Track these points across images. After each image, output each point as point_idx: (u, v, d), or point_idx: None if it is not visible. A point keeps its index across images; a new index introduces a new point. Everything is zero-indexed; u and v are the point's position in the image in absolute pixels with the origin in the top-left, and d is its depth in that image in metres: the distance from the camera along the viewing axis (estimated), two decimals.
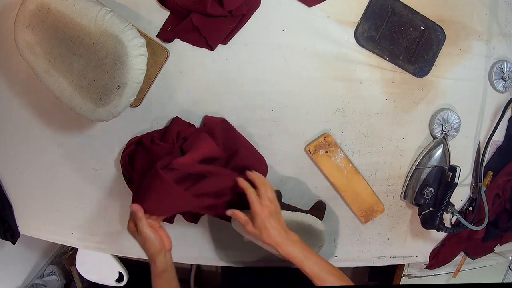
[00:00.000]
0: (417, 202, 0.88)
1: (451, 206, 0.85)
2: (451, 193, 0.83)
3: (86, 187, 0.88)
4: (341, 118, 0.86)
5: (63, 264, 1.35)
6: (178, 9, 0.76)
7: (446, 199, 0.83)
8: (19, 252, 1.17)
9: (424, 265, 1.02)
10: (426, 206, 0.86)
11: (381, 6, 0.82)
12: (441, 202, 0.84)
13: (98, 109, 0.69)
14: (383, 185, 0.91)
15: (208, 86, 0.82)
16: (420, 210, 0.87)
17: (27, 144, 0.87)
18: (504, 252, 1.19)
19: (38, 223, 0.93)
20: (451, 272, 1.15)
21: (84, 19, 0.65)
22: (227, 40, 0.79)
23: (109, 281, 1.15)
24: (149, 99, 0.82)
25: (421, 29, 0.84)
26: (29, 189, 0.91)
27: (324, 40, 0.82)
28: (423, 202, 0.87)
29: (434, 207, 0.85)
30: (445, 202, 0.83)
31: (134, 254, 0.93)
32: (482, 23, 0.87)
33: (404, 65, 0.85)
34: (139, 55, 0.67)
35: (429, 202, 0.87)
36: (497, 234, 0.96)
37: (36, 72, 0.69)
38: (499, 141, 0.94)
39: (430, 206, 0.86)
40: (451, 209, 0.85)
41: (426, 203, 0.87)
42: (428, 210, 0.85)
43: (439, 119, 0.88)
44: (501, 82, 0.89)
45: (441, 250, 0.98)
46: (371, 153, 0.89)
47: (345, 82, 0.84)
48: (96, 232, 0.92)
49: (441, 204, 0.83)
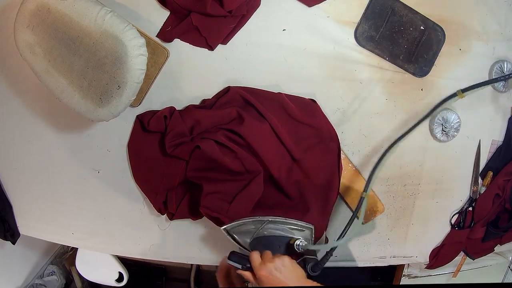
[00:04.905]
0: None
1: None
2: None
3: (86, 187, 0.88)
4: (341, 118, 0.86)
5: (63, 264, 1.35)
6: (178, 9, 0.76)
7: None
8: (19, 252, 1.17)
9: (424, 265, 1.02)
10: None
11: (381, 6, 0.82)
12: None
13: (98, 109, 0.69)
14: (383, 185, 0.91)
15: (208, 86, 0.82)
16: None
17: (27, 144, 0.87)
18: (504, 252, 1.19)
19: (38, 223, 0.93)
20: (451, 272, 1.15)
21: (84, 19, 0.65)
22: (227, 40, 0.79)
23: (109, 281, 1.15)
24: (149, 99, 0.82)
25: (421, 29, 0.84)
26: (29, 189, 0.90)
27: (324, 40, 0.82)
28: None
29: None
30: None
31: (134, 254, 0.93)
32: (482, 23, 0.87)
33: (404, 65, 0.85)
34: (139, 55, 0.67)
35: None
36: (497, 234, 0.96)
37: (36, 72, 0.69)
38: (499, 141, 0.93)
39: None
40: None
41: None
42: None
43: (439, 119, 0.88)
44: (501, 82, 0.89)
45: (441, 250, 0.98)
46: (371, 153, 0.89)
47: (345, 82, 0.84)
48: (96, 232, 0.92)
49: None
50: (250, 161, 0.78)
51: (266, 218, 0.75)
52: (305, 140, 0.82)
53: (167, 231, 0.90)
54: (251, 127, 0.77)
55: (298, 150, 0.80)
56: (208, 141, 0.76)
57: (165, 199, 0.83)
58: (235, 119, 0.80)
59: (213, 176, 0.78)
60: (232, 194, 0.78)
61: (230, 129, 0.78)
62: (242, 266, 0.68)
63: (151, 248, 0.92)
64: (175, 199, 0.82)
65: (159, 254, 0.92)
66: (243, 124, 0.78)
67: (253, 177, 0.78)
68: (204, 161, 0.76)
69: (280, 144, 0.80)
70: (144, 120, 0.80)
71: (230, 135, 0.78)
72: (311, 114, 0.82)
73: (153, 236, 0.91)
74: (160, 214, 0.86)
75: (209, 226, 0.90)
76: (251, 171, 0.78)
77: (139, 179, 0.85)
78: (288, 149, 0.80)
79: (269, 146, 0.78)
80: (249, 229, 0.76)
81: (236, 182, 0.78)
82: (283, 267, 0.63)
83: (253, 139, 0.77)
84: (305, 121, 0.81)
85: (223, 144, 0.76)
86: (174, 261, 0.94)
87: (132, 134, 0.83)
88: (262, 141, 0.78)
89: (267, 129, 0.78)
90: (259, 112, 0.79)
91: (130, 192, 0.87)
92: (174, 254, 0.92)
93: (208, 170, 0.78)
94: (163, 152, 0.81)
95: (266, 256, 0.66)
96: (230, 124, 0.79)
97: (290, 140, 0.79)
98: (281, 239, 0.75)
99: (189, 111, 0.80)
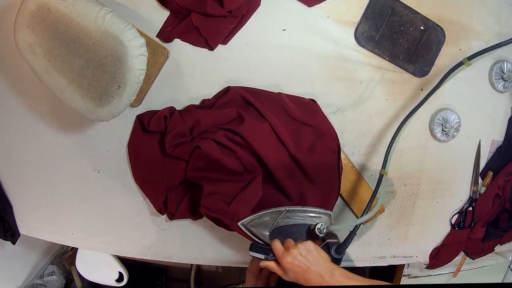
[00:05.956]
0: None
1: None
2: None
3: (86, 187, 0.88)
4: (341, 118, 0.86)
5: (63, 264, 1.35)
6: (178, 9, 0.76)
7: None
8: (19, 252, 1.17)
9: (424, 265, 1.02)
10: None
11: (381, 6, 0.82)
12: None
13: (98, 109, 0.69)
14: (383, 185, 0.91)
15: (208, 86, 0.82)
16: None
17: (27, 144, 0.87)
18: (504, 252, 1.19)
19: (38, 223, 0.93)
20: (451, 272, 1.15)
21: (84, 19, 0.65)
22: (227, 40, 0.79)
23: (109, 281, 1.15)
24: (149, 99, 0.82)
25: (421, 29, 0.84)
26: (29, 189, 0.90)
27: (324, 40, 0.82)
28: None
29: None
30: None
31: (134, 254, 0.93)
32: (482, 23, 0.87)
33: (404, 65, 0.85)
34: (139, 55, 0.67)
35: None
36: (497, 234, 0.96)
37: (36, 72, 0.69)
38: (499, 141, 0.93)
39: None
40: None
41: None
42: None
43: (439, 119, 0.88)
44: (501, 82, 0.89)
45: (441, 250, 0.98)
46: (371, 153, 0.89)
47: (345, 82, 0.84)
48: (96, 232, 0.92)
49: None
50: (250, 161, 0.78)
51: (284, 208, 0.74)
52: (305, 140, 0.82)
53: (167, 231, 0.90)
54: (251, 127, 0.77)
55: (298, 150, 0.80)
56: (208, 141, 0.76)
57: (165, 199, 0.83)
58: (235, 119, 0.80)
59: (213, 176, 0.78)
60: (232, 194, 0.78)
61: (230, 129, 0.78)
62: (265, 257, 0.67)
63: (151, 248, 0.92)
64: (175, 199, 0.82)
65: (159, 254, 0.92)
66: (243, 124, 0.78)
67: (253, 177, 0.78)
68: (204, 161, 0.76)
69: (280, 144, 0.80)
70: (144, 120, 0.80)
71: (230, 135, 0.78)
72: (311, 114, 0.82)
73: (153, 236, 0.91)
74: (160, 214, 0.86)
75: (209, 226, 0.90)
76: (251, 171, 0.78)
77: (139, 179, 0.85)
78: (288, 149, 0.80)
79: (269, 146, 0.78)
80: (267, 221, 0.74)
81: (236, 183, 0.78)
82: (307, 252, 0.62)
83: (253, 139, 0.77)
84: (305, 121, 0.81)
85: (223, 144, 0.76)
86: (174, 261, 0.94)
87: (132, 134, 0.83)
88: (262, 141, 0.78)
89: (267, 129, 0.78)
90: (259, 112, 0.79)
91: (130, 192, 0.87)
92: (174, 254, 0.92)
93: (208, 170, 0.78)
94: (163, 152, 0.81)
95: (289, 243, 0.65)
96: (230, 124, 0.79)
97: (290, 140, 0.79)
98: (301, 227, 0.74)
99: (189, 111, 0.80)
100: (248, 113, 0.79)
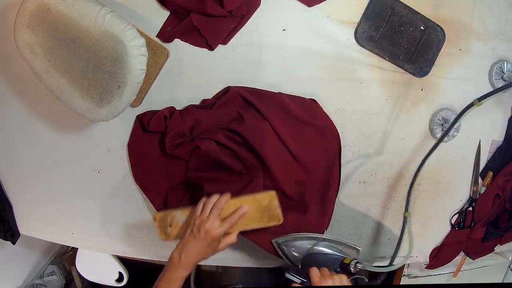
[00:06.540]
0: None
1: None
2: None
3: (86, 187, 0.88)
4: (341, 118, 0.86)
5: (63, 264, 1.35)
6: (178, 9, 0.76)
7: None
8: (19, 252, 1.17)
9: (424, 265, 1.02)
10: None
11: (381, 6, 0.82)
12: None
13: (98, 109, 0.69)
14: (383, 185, 0.91)
15: (208, 86, 0.82)
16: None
17: (27, 144, 0.87)
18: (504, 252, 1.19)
19: (38, 223, 0.93)
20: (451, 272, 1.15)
21: (84, 19, 0.65)
22: (227, 40, 0.79)
23: (109, 281, 1.15)
24: (149, 99, 0.82)
25: (421, 29, 0.84)
26: (29, 189, 0.91)
27: (324, 40, 0.82)
28: None
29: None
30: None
31: (134, 254, 0.93)
32: (482, 23, 0.87)
33: (404, 65, 0.85)
34: (139, 55, 0.67)
35: None
36: (497, 234, 0.96)
37: (36, 72, 0.69)
38: (499, 141, 0.93)
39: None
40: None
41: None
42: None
43: (439, 119, 0.88)
44: (501, 82, 0.89)
45: (441, 250, 0.98)
46: (371, 153, 0.89)
47: (345, 82, 0.84)
48: (96, 232, 0.92)
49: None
50: (250, 161, 0.78)
51: (320, 236, 0.75)
52: (305, 139, 0.82)
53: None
54: (251, 127, 0.77)
55: (299, 150, 0.80)
56: (208, 141, 0.76)
57: (165, 199, 0.83)
58: (235, 119, 0.79)
59: (213, 176, 0.78)
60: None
61: (230, 128, 0.78)
62: (301, 281, 0.68)
63: (151, 248, 0.92)
64: (175, 199, 0.82)
65: (159, 254, 0.92)
66: (243, 123, 0.77)
67: (253, 177, 0.78)
68: (204, 161, 0.76)
69: (281, 144, 0.79)
70: (144, 120, 0.80)
71: (230, 135, 0.78)
72: (311, 113, 0.82)
73: (153, 236, 0.90)
74: None
75: None
76: (251, 171, 0.78)
77: (139, 179, 0.85)
78: (289, 149, 0.80)
79: (269, 146, 0.78)
80: (299, 244, 0.75)
81: (236, 183, 0.78)
82: (341, 285, 0.65)
83: (253, 139, 0.77)
84: (305, 120, 0.81)
85: (223, 144, 0.76)
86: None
87: (132, 134, 0.83)
88: (262, 140, 0.78)
89: (267, 129, 0.78)
90: (259, 111, 0.79)
91: (130, 192, 0.87)
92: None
93: (208, 170, 0.78)
94: (163, 152, 0.81)
95: (325, 272, 0.67)
96: (230, 124, 0.79)
97: (290, 140, 0.79)
98: (334, 258, 0.75)
99: (189, 111, 0.80)
100: (248, 113, 0.79)
